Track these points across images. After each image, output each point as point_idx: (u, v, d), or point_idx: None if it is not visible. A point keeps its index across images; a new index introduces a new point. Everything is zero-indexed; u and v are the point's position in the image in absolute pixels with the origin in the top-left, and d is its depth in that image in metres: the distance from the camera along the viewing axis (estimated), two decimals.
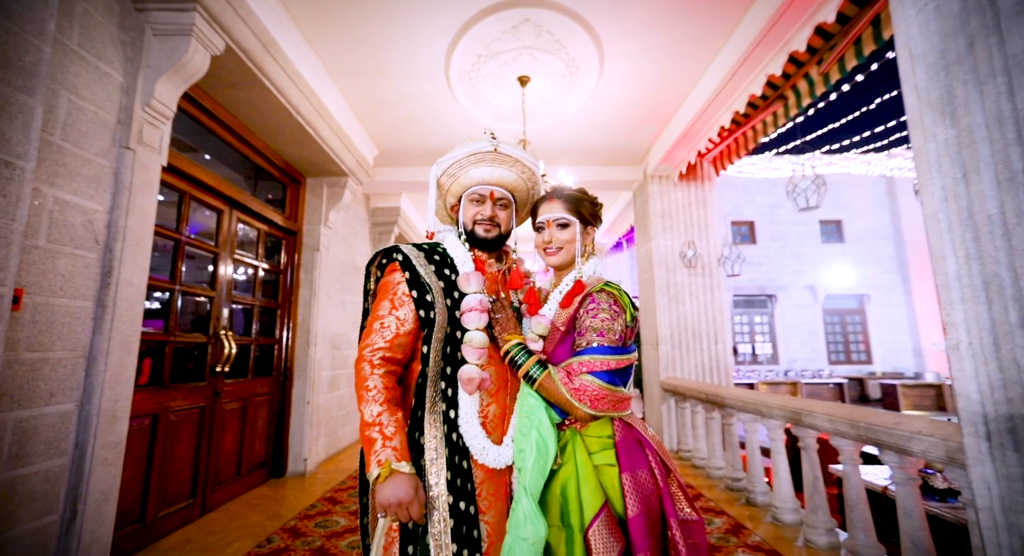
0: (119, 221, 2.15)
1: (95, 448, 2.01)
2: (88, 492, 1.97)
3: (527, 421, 1.04)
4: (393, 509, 0.94)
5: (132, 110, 2.23)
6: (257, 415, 3.86)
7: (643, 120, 4.42)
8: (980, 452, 1.44)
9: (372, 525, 1.11)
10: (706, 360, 4.89)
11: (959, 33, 1.49)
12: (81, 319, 2.00)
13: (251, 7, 2.64)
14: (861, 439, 2.17)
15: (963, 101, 1.48)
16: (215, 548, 2.62)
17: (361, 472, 1.11)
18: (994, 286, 1.40)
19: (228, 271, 3.47)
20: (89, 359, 2.03)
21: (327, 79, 3.69)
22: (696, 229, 5.14)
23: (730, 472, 3.55)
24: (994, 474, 1.40)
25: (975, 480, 1.46)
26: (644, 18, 3.06)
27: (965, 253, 1.48)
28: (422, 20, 3.08)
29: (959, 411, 1.51)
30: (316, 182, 4.65)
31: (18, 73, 1.57)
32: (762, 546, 2.53)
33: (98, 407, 2.02)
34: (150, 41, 2.32)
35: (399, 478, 0.95)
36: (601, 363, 1.01)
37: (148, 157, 2.32)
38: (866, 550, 2.21)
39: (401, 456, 0.97)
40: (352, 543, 2.65)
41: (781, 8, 2.69)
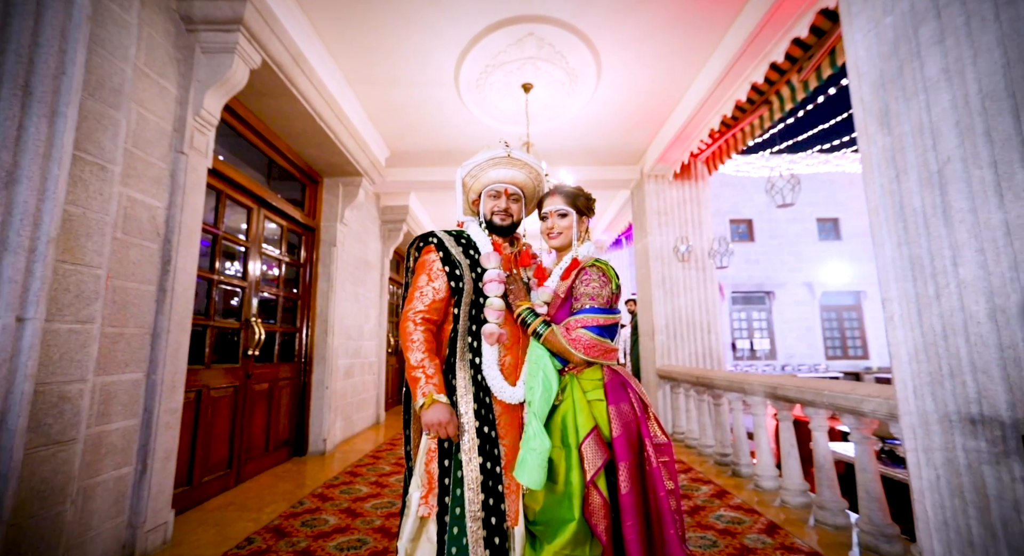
0: (176, 217, 2.47)
1: (159, 413, 2.32)
2: (155, 450, 2.29)
3: (535, 366, 1.35)
4: (435, 428, 1.24)
5: (185, 119, 2.54)
6: (281, 397, 4.18)
7: (639, 123, 4.72)
8: (908, 404, 1.74)
9: (414, 452, 1.41)
10: (699, 349, 5.20)
11: (892, 56, 1.79)
12: (147, 301, 2.31)
13: (284, 25, 2.95)
14: (826, 406, 2.47)
15: (895, 113, 1.78)
16: (254, 508, 2.93)
17: (406, 408, 1.42)
18: (917, 266, 1.70)
19: (256, 264, 3.78)
20: (153, 335, 2.34)
21: (346, 87, 4.00)
22: (690, 225, 5.44)
23: (719, 448, 3.86)
24: (918, 419, 1.70)
25: (904, 427, 1.76)
26: (637, 32, 3.36)
27: (897, 240, 1.78)
28: (435, 35, 3.38)
29: (894, 372, 1.81)
30: (333, 182, 4.96)
31: (110, 92, 1.88)
32: (743, 506, 2.84)
33: (161, 377, 2.34)
34: (199, 58, 2.63)
35: (439, 405, 1.25)
36: (592, 320, 1.32)
37: (197, 160, 2.63)
38: (831, 504, 2.52)
39: (439, 390, 1.28)
40: (376, 505, 2.96)
41: (760, 24, 2.99)
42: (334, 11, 3.13)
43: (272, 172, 4.38)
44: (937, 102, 1.60)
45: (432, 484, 1.30)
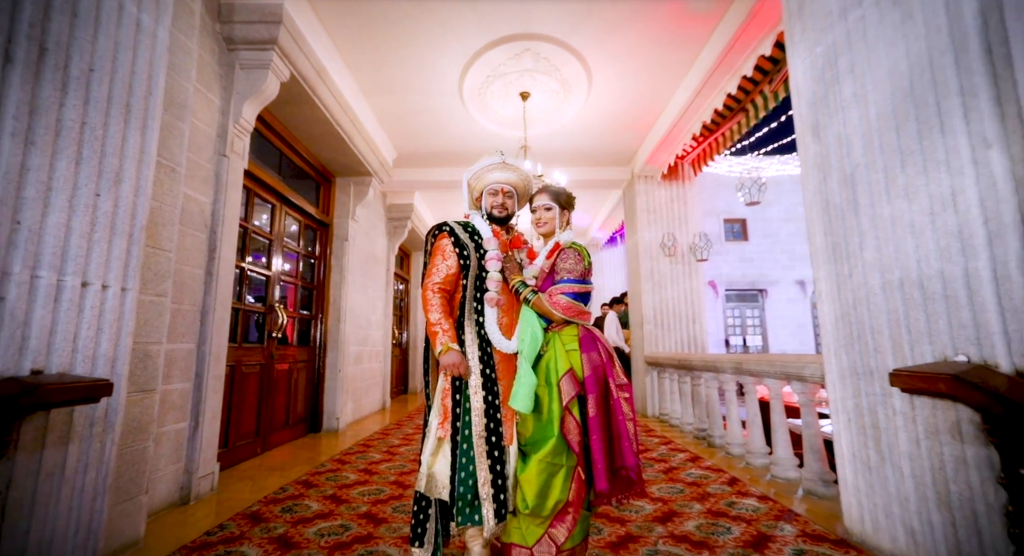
0: (220, 211, 2.87)
1: (208, 379, 2.72)
2: (205, 410, 2.68)
3: (526, 324, 1.74)
4: (450, 368, 1.64)
5: (227, 127, 2.94)
6: (299, 378, 4.58)
7: (628, 128, 5.11)
8: (831, 363, 2.14)
9: (432, 392, 1.81)
10: (684, 338, 5.59)
11: (821, 80, 2.19)
12: (198, 282, 2.71)
13: (309, 43, 3.35)
14: (778, 374, 2.87)
15: (823, 126, 2.17)
16: (282, 469, 3.33)
17: (426, 358, 1.82)
18: (837, 251, 2.09)
19: (279, 255, 4.18)
20: (203, 312, 2.74)
21: (360, 95, 4.40)
22: (677, 223, 5.84)
23: (697, 424, 4.26)
24: (837, 374, 2.10)
25: (828, 383, 2.16)
26: (623, 48, 3.75)
27: (823, 229, 2.18)
28: (441, 49, 3.78)
29: (822, 338, 2.21)
30: (345, 181, 5.36)
31: (177, 107, 2.28)
32: (712, 467, 3.23)
33: (209, 348, 2.74)
34: (238, 73, 3.03)
35: (453, 352, 1.65)
36: (569, 288, 1.71)
37: (236, 162, 3.03)
38: (784, 461, 2.91)
39: (453, 340, 1.67)
40: (389, 467, 3.36)
41: (729, 43, 3.38)
42: (352, 29, 3.53)
43: (290, 172, 4.77)
44: (850, 119, 2.00)
45: (447, 414, 1.69)
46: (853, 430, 2.01)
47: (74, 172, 1.61)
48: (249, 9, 2.90)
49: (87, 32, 1.66)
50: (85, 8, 1.65)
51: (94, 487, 1.67)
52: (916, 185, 1.67)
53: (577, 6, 3.35)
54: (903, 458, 1.74)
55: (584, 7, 3.35)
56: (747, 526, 2.16)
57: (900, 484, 1.76)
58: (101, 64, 1.70)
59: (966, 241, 1.49)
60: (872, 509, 1.90)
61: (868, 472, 1.92)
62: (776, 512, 2.33)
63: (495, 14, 3.43)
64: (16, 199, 1.43)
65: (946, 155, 1.56)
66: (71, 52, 1.60)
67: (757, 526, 2.16)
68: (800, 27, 2.32)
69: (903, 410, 1.74)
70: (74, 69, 1.61)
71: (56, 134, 1.55)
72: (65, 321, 1.56)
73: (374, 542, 2.03)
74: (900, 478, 1.76)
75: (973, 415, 1.46)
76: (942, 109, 1.57)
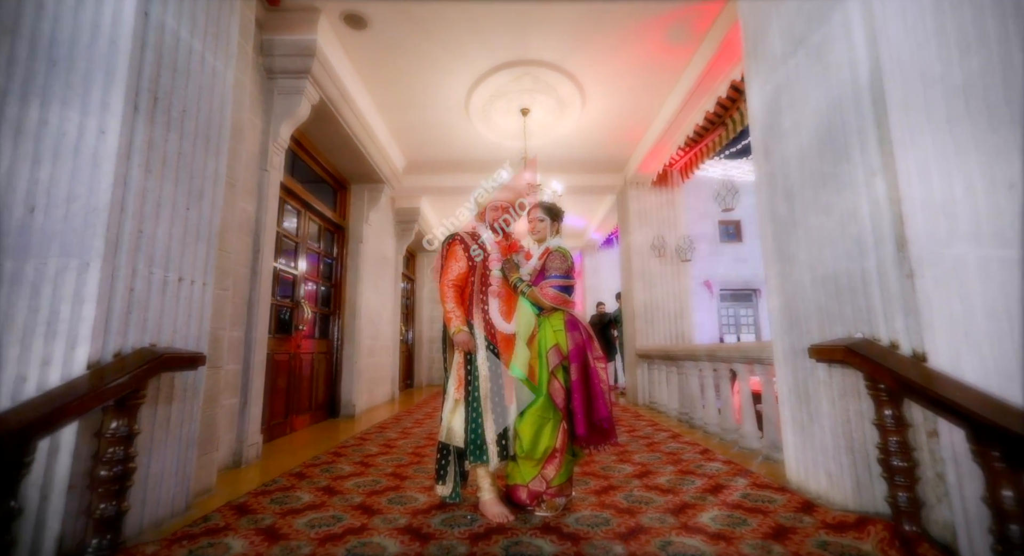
0: (262, 218, 3.33)
1: (253, 362, 3.18)
2: (251, 389, 3.14)
3: (522, 311, 2.20)
4: (462, 345, 2.10)
5: (267, 145, 3.40)
6: (320, 367, 5.04)
7: (619, 140, 5.57)
8: (777, 345, 2.59)
9: (448, 365, 2.26)
10: (672, 331, 6.04)
11: (769, 111, 2.64)
12: (245, 279, 3.17)
13: (335, 69, 3.81)
14: (744, 359, 3.33)
15: (772, 150, 2.63)
16: (311, 445, 3.79)
17: (444, 339, 2.28)
18: (782, 254, 2.55)
19: (303, 256, 4.64)
20: (249, 305, 3.20)
21: (375, 111, 4.86)
22: (666, 226, 6.29)
23: (680, 408, 4.71)
24: (782, 355, 2.55)
25: (775, 362, 2.61)
26: (612, 72, 4.21)
27: (772, 235, 2.63)
28: (449, 72, 4.24)
29: (771, 325, 2.66)
30: (359, 187, 5.82)
31: (237, 132, 2.74)
32: (689, 442, 3.68)
33: (254, 335, 3.20)
34: (276, 98, 3.49)
35: (463, 332, 2.11)
36: (556, 282, 2.17)
37: (274, 175, 3.49)
38: (749, 432, 3.37)
39: (463, 323, 2.14)
40: (406, 443, 3.81)
41: (704, 70, 3.84)
42: (371, 55, 3.99)
43: (312, 179, 5.23)
44: (789, 146, 2.46)
45: (461, 381, 2.15)
46: (792, 399, 2.46)
47: (173, 192, 2.07)
48: (288, 44, 3.37)
49: (182, 81, 2.12)
50: (182, 63, 2.11)
51: (187, 439, 2.13)
52: (832, 202, 2.13)
53: (571, 36, 3.80)
54: (824, 417, 2.20)
55: (577, 37, 3.81)
56: (708, 480, 2.61)
57: (822, 438, 2.21)
58: (191, 106, 2.17)
59: (861, 246, 1.95)
60: (804, 461, 2.36)
61: (802, 432, 2.37)
62: (735, 471, 2.78)
63: (497, 42, 3.89)
64: (141, 214, 1.89)
65: (850, 179, 2.01)
66: (172, 99, 2.06)
67: (717, 480, 2.61)
68: (755, 66, 2.78)
69: (824, 379, 2.19)
70: (174, 111, 2.07)
71: (163, 163, 2.01)
72: (171, 308, 2.02)
73: (401, 490, 2.49)
74: (823, 433, 2.21)
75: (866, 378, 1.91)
76: (847, 143, 2.03)
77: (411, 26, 3.62)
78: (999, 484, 1.27)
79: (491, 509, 2.02)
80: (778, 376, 2.61)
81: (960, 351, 1.64)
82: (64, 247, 1.71)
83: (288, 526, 1.96)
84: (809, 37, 2.27)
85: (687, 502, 2.23)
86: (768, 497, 2.28)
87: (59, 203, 1.73)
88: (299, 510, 2.16)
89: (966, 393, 1.40)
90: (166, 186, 2.02)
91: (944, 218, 1.73)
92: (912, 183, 1.76)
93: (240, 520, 2.03)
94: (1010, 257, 1.66)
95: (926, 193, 1.75)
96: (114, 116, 1.80)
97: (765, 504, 2.18)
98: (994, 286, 1.66)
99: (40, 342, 1.64)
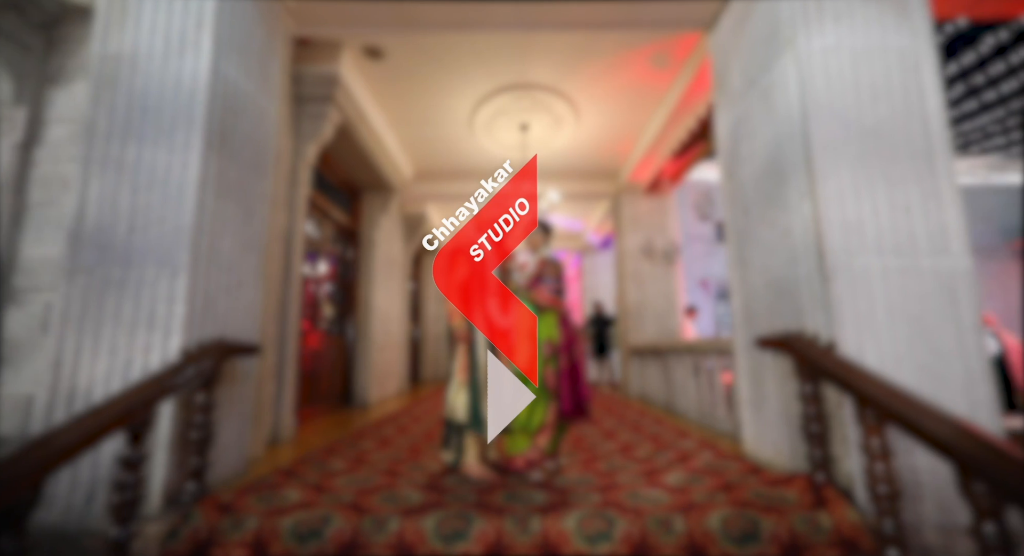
0: (292, 228, 3.79)
1: (287, 353, 3.65)
2: (286, 377, 3.61)
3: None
4: (462, 336, 2.56)
5: (297, 164, 3.87)
6: (337, 361, 5.50)
7: (612, 151, 6.02)
8: (738, 337, 3.04)
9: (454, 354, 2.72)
10: (661, 328, 6.49)
11: (731, 137, 3.08)
12: (280, 282, 3.63)
13: (354, 94, 4.27)
14: (718, 351, 3.78)
15: (734, 172, 3.07)
16: (333, 429, 4.25)
17: (448, 333, 2.74)
18: (741, 259, 2.99)
19: (323, 259, 5.11)
20: (283, 304, 3.66)
21: (388, 127, 5.32)
22: (656, 230, 6.73)
23: (666, 398, 5.16)
24: (742, 345, 3.00)
25: (736, 351, 3.06)
26: (603, 93, 4.66)
27: (735, 244, 3.07)
28: (455, 94, 4.69)
29: (734, 321, 3.11)
30: (371, 195, 6.29)
31: (278, 156, 3.20)
32: (670, 426, 4.13)
33: (288, 331, 3.66)
34: (304, 121, 3.95)
35: (464, 327, 2.57)
36: (549, 287, 2.62)
37: (303, 190, 3.95)
38: (723, 417, 3.81)
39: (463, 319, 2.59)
40: (419, 428, 4.27)
41: (685, 93, 4.28)
42: (386, 81, 4.44)
43: (330, 188, 5.69)
44: (745, 169, 2.90)
45: (464, 367, 2.60)
46: (749, 383, 2.91)
47: (234, 211, 2.53)
48: (315, 75, 3.83)
49: (239, 120, 2.58)
50: (240, 105, 2.57)
51: (244, 415, 2.60)
52: (776, 218, 2.58)
53: (565, 63, 4.25)
54: (771, 397, 2.64)
55: (571, 63, 4.26)
56: (679, 453, 3.06)
57: (770, 414, 2.66)
58: (246, 139, 2.63)
59: (795, 256, 2.39)
60: (757, 434, 2.81)
61: (756, 410, 2.82)
62: (703, 447, 3.23)
63: (499, 68, 4.34)
64: (212, 231, 2.35)
65: (788, 201, 2.46)
66: (233, 135, 2.52)
67: (686, 453, 3.05)
68: (721, 97, 3.23)
69: (770, 365, 2.64)
70: (234, 145, 2.53)
71: (227, 189, 2.47)
72: (232, 307, 2.48)
73: (418, 461, 2.94)
74: (770, 410, 2.66)
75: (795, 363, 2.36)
76: (786, 171, 2.47)
77: (422, 56, 4.08)
78: (871, 435, 1.72)
79: (473, 469, 2.48)
80: (738, 364, 3.06)
81: (863, 341, 2.09)
82: (158, 259, 2.17)
83: (330, 483, 2.42)
84: (759, 80, 2.71)
85: (657, 468, 2.69)
86: (725, 465, 2.73)
87: (153, 224, 2.19)
88: (337, 473, 2.62)
89: (853, 372, 1.84)
90: (229, 207, 2.48)
91: (854, 234, 2.18)
92: (830, 206, 2.21)
93: (290, 480, 2.48)
94: (904, 266, 2.12)
95: (840, 214, 2.20)
96: (194, 153, 2.26)
97: (721, 470, 2.63)
98: (891, 289, 2.11)
99: (143, 334, 2.10)
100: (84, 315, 2.11)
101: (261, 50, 2.81)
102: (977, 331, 2.08)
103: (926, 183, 2.18)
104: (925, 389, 1.99)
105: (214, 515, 1.92)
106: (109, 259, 2.16)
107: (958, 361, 2.05)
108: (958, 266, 2.12)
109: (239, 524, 1.89)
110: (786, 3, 2.42)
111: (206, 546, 1.83)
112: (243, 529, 1.88)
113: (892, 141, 2.22)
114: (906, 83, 2.26)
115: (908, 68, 2.27)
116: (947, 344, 2.06)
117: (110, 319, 2.12)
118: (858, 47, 2.30)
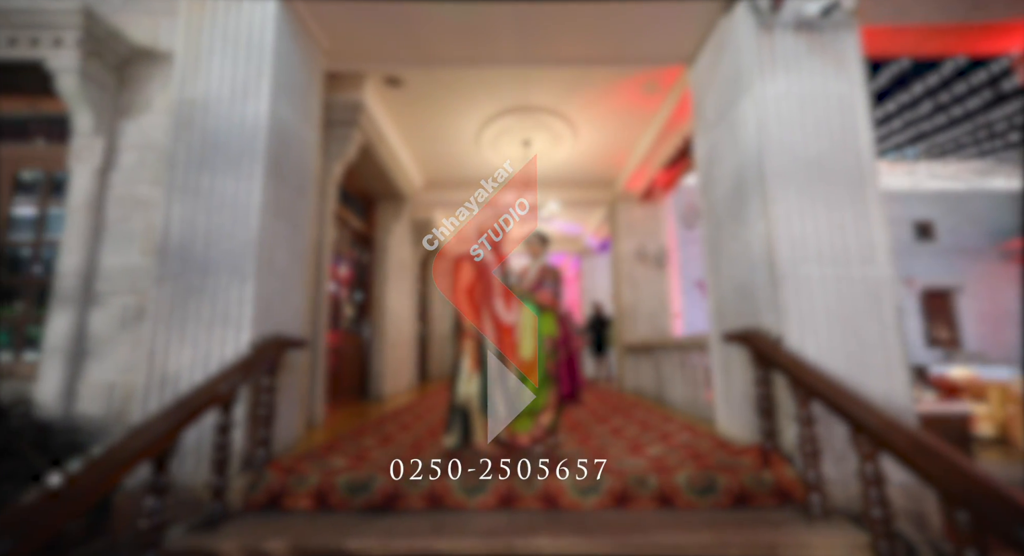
0: (322, 238, 4.28)
1: (319, 348, 4.13)
2: (318, 369, 4.10)
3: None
4: (473, 333, 3.04)
5: (326, 181, 4.35)
6: (356, 358, 5.99)
7: (607, 163, 6.51)
8: (712, 332, 3.51)
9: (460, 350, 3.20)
10: (654, 327, 6.97)
11: (708, 161, 3.56)
12: (311, 284, 4.12)
13: (375, 117, 4.75)
14: (700, 346, 4.26)
15: (709, 190, 3.55)
16: (357, 415, 4.73)
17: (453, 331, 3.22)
18: (715, 267, 3.46)
19: (343, 264, 5.60)
20: (315, 306, 4.15)
21: (402, 144, 5.81)
22: (650, 236, 7.21)
23: (656, 391, 5.64)
24: (715, 339, 3.48)
25: (711, 344, 3.54)
26: (599, 114, 5.15)
27: (711, 253, 3.55)
28: (465, 116, 5.18)
29: (709, 319, 3.59)
30: (384, 203, 6.78)
31: (316, 177, 3.69)
32: (659, 413, 4.61)
33: (319, 328, 4.15)
34: (332, 143, 4.44)
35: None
36: (550, 290, 3.10)
37: (330, 204, 4.44)
38: (704, 404, 4.29)
39: None
40: (431, 417, 4.75)
41: (671, 115, 4.77)
42: (403, 105, 4.93)
43: (348, 197, 6.18)
44: (718, 189, 3.38)
45: (475, 360, 3.08)
46: (721, 372, 3.39)
47: (285, 228, 3.02)
48: (343, 103, 4.32)
49: (289, 150, 3.07)
50: (289, 137, 3.06)
51: (294, 400, 3.08)
52: (740, 233, 3.06)
53: (563, 89, 4.74)
54: (738, 382, 3.12)
55: (568, 89, 4.75)
56: (663, 433, 3.54)
57: (737, 397, 3.14)
58: (293, 166, 3.12)
59: (754, 265, 2.88)
60: (728, 415, 3.28)
61: (726, 394, 3.30)
62: (684, 429, 3.71)
63: (504, 94, 4.82)
64: (271, 245, 2.83)
65: (748, 219, 2.94)
66: (284, 163, 3.01)
67: (668, 433, 3.54)
68: (700, 124, 3.71)
69: (736, 356, 3.12)
70: (285, 172, 3.02)
71: (281, 209, 2.96)
72: (284, 307, 2.97)
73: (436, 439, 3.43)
74: (737, 394, 3.14)
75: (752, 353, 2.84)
76: (747, 194, 2.95)
77: (436, 84, 4.57)
78: (801, 408, 2.20)
79: (483, 447, 2.97)
80: (712, 357, 3.54)
81: (804, 336, 2.57)
82: (230, 269, 2.66)
83: (368, 455, 2.91)
84: (727, 114, 3.20)
85: (641, 444, 3.17)
86: (699, 442, 3.21)
87: (224, 240, 2.68)
88: (371, 448, 3.11)
89: (791, 361, 2.32)
90: (281, 225, 2.96)
91: (799, 248, 2.66)
92: (779, 224, 2.70)
93: (333, 452, 2.97)
94: (838, 274, 2.61)
95: (787, 231, 2.68)
96: (256, 181, 2.75)
97: (694, 445, 3.11)
98: (828, 293, 2.60)
99: (219, 330, 2.59)
100: (171, 315, 2.60)
101: (304, 88, 3.30)
102: (897, 328, 2.56)
103: (858, 205, 2.66)
104: (854, 375, 2.49)
105: (281, 475, 2.41)
106: (190, 269, 2.65)
107: (880, 352, 2.53)
108: (882, 274, 2.60)
109: (303, 481, 2.38)
110: (746, 55, 2.90)
111: (279, 496, 2.32)
112: (307, 484, 2.36)
113: (831, 170, 2.70)
114: (843, 122, 2.75)
115: (845, 110, 2.76)
116: (871, 338, 2.54)
117: (192, 318, 2.60)
118: (804, 93, 2.79)
